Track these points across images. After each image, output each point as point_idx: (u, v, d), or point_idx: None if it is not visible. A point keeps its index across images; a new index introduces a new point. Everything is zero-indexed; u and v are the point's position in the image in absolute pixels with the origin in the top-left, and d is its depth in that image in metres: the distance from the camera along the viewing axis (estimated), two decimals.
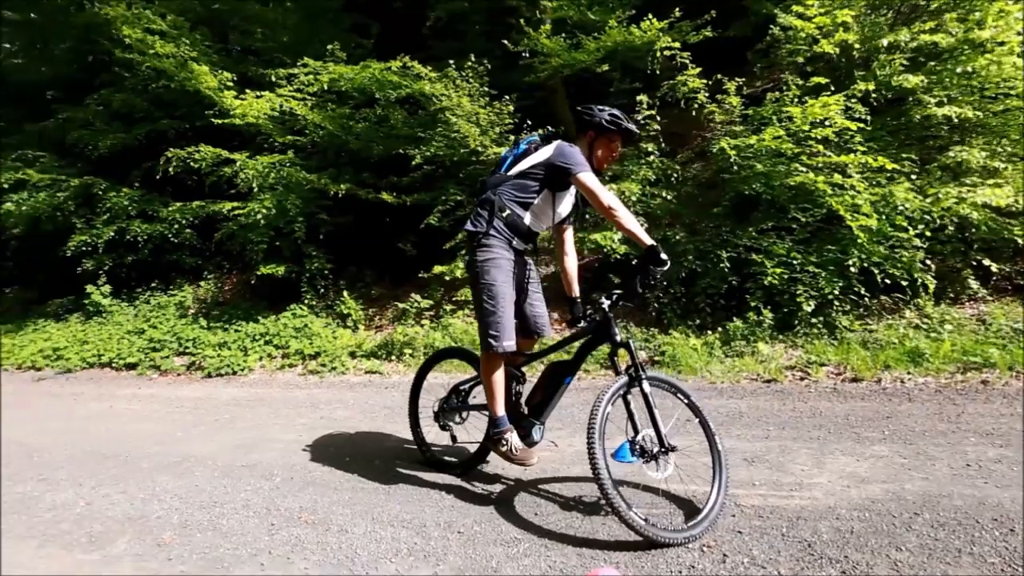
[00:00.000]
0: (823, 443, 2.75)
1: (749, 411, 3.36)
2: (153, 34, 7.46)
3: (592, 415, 2.09)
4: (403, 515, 2.34)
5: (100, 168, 8.55)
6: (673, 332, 5.16)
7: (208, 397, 4.81)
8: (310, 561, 2.04)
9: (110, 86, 8.82)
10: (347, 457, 3.07)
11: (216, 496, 2.68)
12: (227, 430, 3.80)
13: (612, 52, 6.62)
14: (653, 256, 2.09)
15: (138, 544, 2.29)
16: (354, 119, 7.05)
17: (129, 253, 8.09)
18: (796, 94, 5.55)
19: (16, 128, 9.80)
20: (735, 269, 5.17)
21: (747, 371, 4.31)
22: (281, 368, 5.78)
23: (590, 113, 2.38)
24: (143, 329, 6.83)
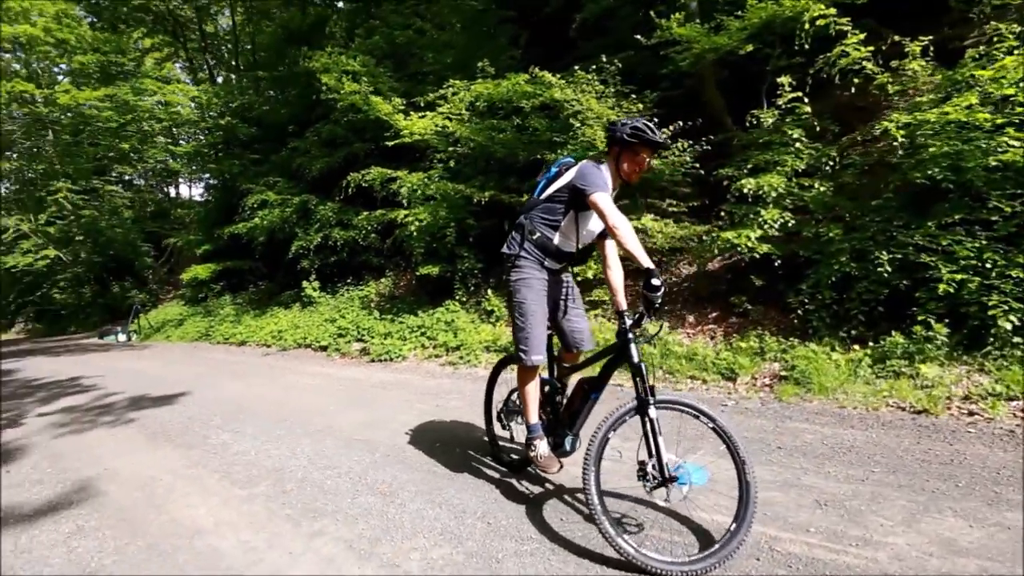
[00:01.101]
0: (935, 498, 2.25)
1: (863, 446, 2.86)
2: (347, 75, 9.09)
3: (591, 440, 2.12)
4: (452, 500, 2.64)
5: (314, 187, 10.72)
6: (813, 343, 4.54)
7: (364, 378, 5.80)
8: (368, 524, 2.48)
9: (322, 120, 10.96)
10: (437, 443, 3.50)
11: (332, 461, 3.34)
12: (363, 408, 4.59)
13: (764, 27, 5.95)
14: (646, 280, 2.03)
15: (271, 489, 3.02)
16: (498, 129, 7.60)
17: (331, 255, 10.00)
18: (1012, 45, 4.36)
19: (266, 159, 12.79)
20: (904, 272, 4.31)
21: (896, 397, 3.61)
22: (428, 358, 6.61)
23: (613, 128, 2.39)
24: (335, 318, 8.43)
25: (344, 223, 9.91)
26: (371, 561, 2.18)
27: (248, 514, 2.74)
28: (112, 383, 6.77)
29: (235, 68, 17.46)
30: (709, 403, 4.04)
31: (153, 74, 16.64)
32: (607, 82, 6.46)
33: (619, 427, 2.16)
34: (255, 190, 10.84)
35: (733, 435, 2.05)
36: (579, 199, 2.37)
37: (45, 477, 3.48)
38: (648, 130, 2.30)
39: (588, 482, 2.07)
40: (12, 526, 2.78)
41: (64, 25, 16.14)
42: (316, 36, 12.10)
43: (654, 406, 2.10)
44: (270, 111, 13.31)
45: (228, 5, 16.47)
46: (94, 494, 3.16)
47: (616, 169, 2.41)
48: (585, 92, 6.27)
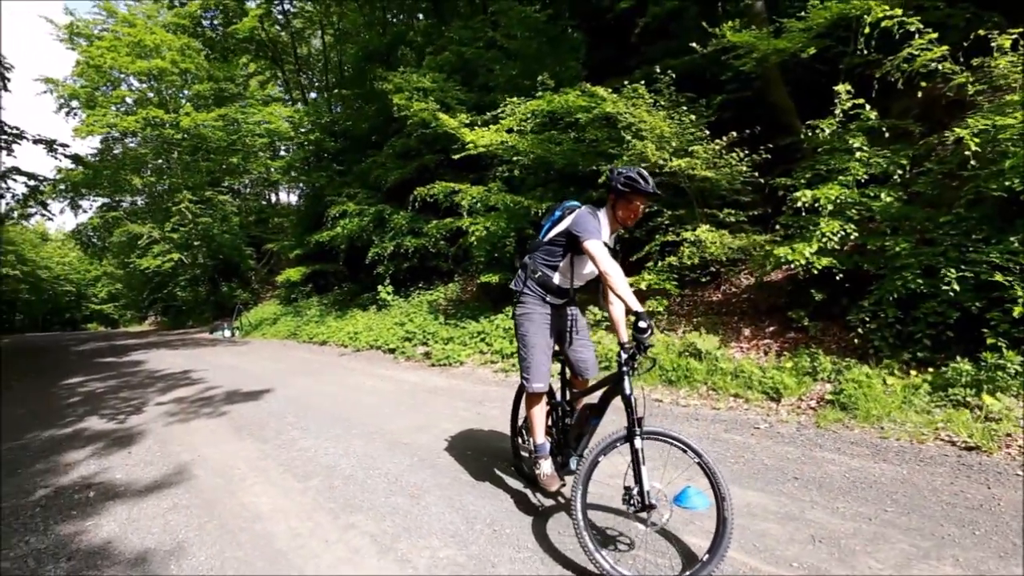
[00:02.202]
0: (941, 544, 2.17)
1: (887, 482, 2.76)
2: (418, 91, 9.68)
3: (579, 463, 2.28)
4: (469, 505, 2.91)
5: (389, 197, 11.50)
6: (870, 365, 4.31)
7: (422, 382, 6.25)
8: (392, 522, 2.81)
9: (396, 134, 11.72)
10: (468, 451, 3.79)
11: (377, 462, 3.73)
12: (415, 412, 5.00)
13: (834, 25, 5.66)
14: (635, 324, 2.15)
15: (323, 483, 3.45)
16: (556, 141, 7.78)
17: (404, 261, 10.69)
18: None
19: (349, 170, 13.86)
20: (976, 292, 3.99)
21: (949, 430, 3.39)
22: (484, 364, 6.95)
23: (610, 176, 2.53)
24: (404, 321, 9.04)
25: (416, 231, 10.56)
26: (389, 555, 2.49)
27: (300, 504, 3.17)
28: (214, 377, 7.78)
29: (324, 87, 19.00)
30: (743, 424, 4.00)
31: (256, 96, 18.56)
32: (660, 92, 6.42)
33: (609, 452, 2.30)
34: (337, 202, 11.83)
35: (716, 471, 2.11)
36: (575, 244, 2.53)
37: (155, 459, 4.19)
38: (641, 180, 2.42)
39: (575, 500, 2.24)
40: (128, 499, 3.43)
41: (187, 56, 18.45)
42: (393, 54, 12.92)
43: (640, 437, 2.22)
44: (353, 126, 14.40)
45: (319, 28, 17.94)
46: (188, 477, 3.78)
47: (612, 216, 2.57)
48: (637, 105, 6.28)
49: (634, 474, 2.21)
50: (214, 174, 20.70)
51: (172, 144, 18.82)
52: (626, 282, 2.31)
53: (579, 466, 2.33)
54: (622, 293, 2.26)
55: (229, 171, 20.56)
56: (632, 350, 2.32)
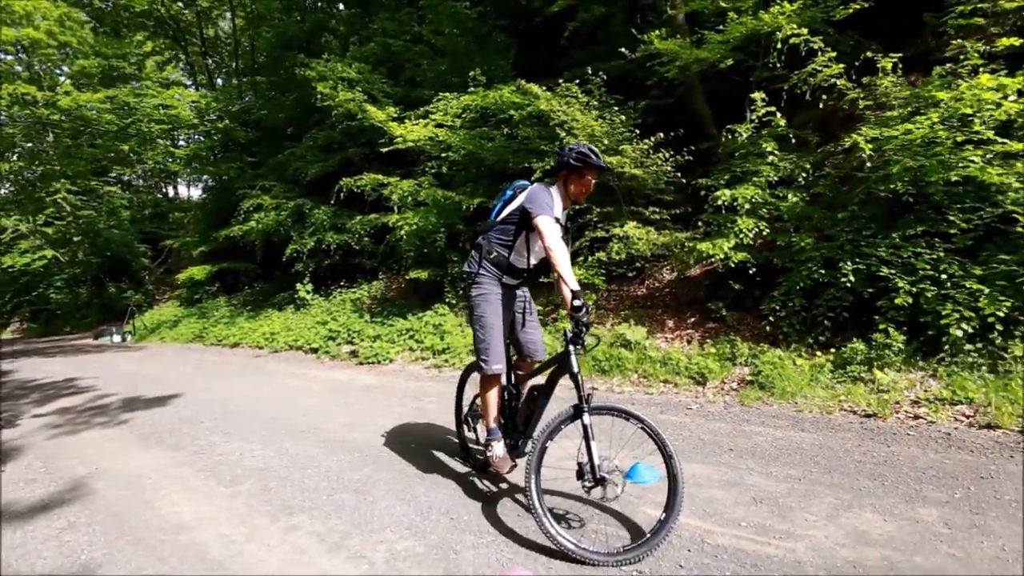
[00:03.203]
0: (861, 494, 2.43)
1: (810, 447, 3.05)
2: (342, 81, 9.28)
3: (530, 450, 2.31)
4: (421, 497, 2.82)
5: (309, 191, 10.92)
6: (781, 349, 4.72)
7: (350, 381, 5.98)
8: (339, 520, 2.65)
9: (318, 125, 11.16)
10: (412, 444, 3.68)
11: (314, 461, 3.51)
12: (348, 410, 4.77)
13: (746, 40, 6.15)
14: (570, 303, 2.20)
15: (254, 486, 3.19)
16: (488, 137, 7.79)
17: (325, 258, 10.18)
18: (976, 63, 4.55)
19: (263, 162, 13.00)
20: (868, 281, 4.49)
21: (850, 401, 3.79)
22: (415, 361, 6.79)
23: (561, 153, 2.57)
24: (327, 320, 8.61)
25: (338, 227, 10.10)
26: (340, 553, 2.35)
27: (230, 510, 2.91)
28: (107, 384, 6.94)
29: (235, 72, 17.67)
30: (676, 406, 4.22)
31: (154, 77, 16.82)
32: (591, 92, 6.65)
33: (555, 435, 2.33)
34: (251, 194, 11.04)
35: (660, 432, 2.19)
36: (528, 220, 2.54)
37: (38, 476, 3.65)
38: (592, 154, 2.49)
39: (530, 487, 2.26)
40: (7, 522, 2.95)
41: (67, 28, 16.34)
42: (314, 42, 12.30)
43: (588, 412, 2.27)
44: (268, 115, 13.51)
45: (228, 9, 16.67)
46: (86, 492, 3.33)
47: (565, 191, 2.60)
48: (570, 104, 6.45)
49: (587, 451, 2.25)
50: (100, 162, 18.47)
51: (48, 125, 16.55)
52: (568, 261, 2.34)
53: (529, 451, 2.34)
54: (562, 270, 2.28)
55: (120, 160, 18.45)
56: (576, 330, 2.36)
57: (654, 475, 2.52)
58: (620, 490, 2.22)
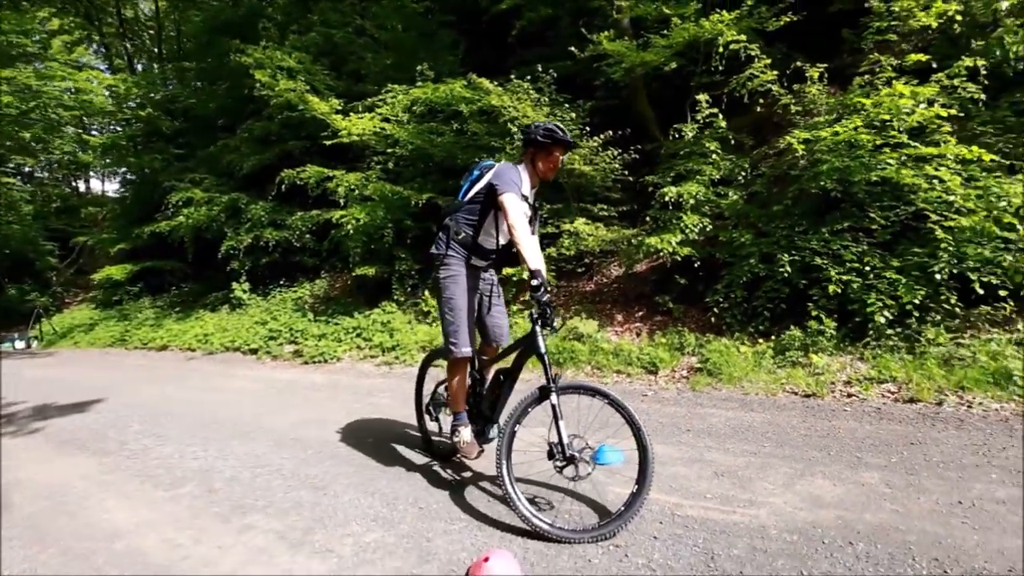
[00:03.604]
0: (811, 463, 2.60)
1: (760, 425, 3.22)
2: (281, 71, 8.86)
3: (499, 436, 2.30)
4: (385, 489, 2.73)
5: (245, 185, 10.33)
6: (725, 338, 4.96)
7: (297, 380, 5.71)
8: (300, 516, 2.52)
9: (255, 116, 10.59)
10: (370, 439, 3.56)
11: (263, 460, 3.32)
12: (298, 409, 4.55)
13: (688, 46, 6.43)
14: (528, 282, 2.21)
15: (198, 489, 2.97)
16: (437, 133, 7.69)
17: (263, 255, 9.67)
18: (889, 76, 4.97)
19: (192, 154, 12.18)
20: (801, 273, 4.81)
21: (791, 383, 4.04)
22: (363, 359, 6.58)
23: (527, 131, 2.57)
24: (266, 320, 8.18)
25: (277, 223, 9.63)
26: (303, 548, 2.23)
27: (172, 514, 2.69)
28: (11, 392, 6.24)
29: (158, 57, 16.44)
30: (631, 393, 4.34)
31: (61, 58, 15.31)
32: (542, 90, 6.72)
33: (524, 419, 2.33)
34: (180, 187, 10.30)
35: (627, 406, 2.22)
36: (495, 197, 2.49)
37: None
38: (559, 130, 2.50)
39: (502, 473, 2.25)
40: None
41: None
42: (249, 29, 11.66)
43: (556, 392, 2.28)
44: (197, 104, 12.65)
45: None
46: None
47: (532, 169, 2.59)
48: (521, 100, 6.49)
49: (556, 429, 2.26)
50: None
51: None
52: (529, 239, 2.34)
53: (499, 436, 2.32)
54: (523, 247, 2.27)
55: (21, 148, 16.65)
56: (542, 310, 2.35)
57: (619, 456, 2.58)
58: (591, 468, 2.24)
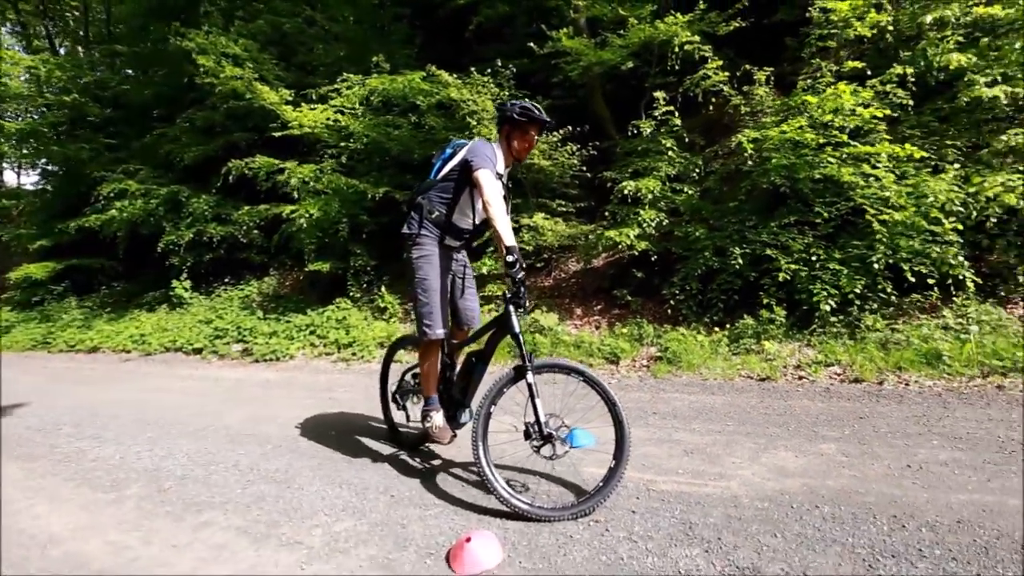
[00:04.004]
0: (773, 439, 2.71)
1: (721, 407, 3.33)
2: (227, 58, 8.42)
3: (475, 418, 2.26)
4: (353, 480, 2.63)
5: (186, 177, 9.76)
6: (683, 328, 5.11)
7: (247, 378, 5.43)
8: (262, 510, 2.38)
9: (197, 104, 10.03)
10: (332, 432, 3.43)
11: (217, 457, 3.13)
12: (250, 405, 4.32)
13: (643, 47, 6.59)
14: (504, 259, 2.19)
15: (145, 489, 2.76)
16: (394, 126, 7.53)
17: (206, 252, 9.16)
18: (829, 80, 5.27)
19: (125, 144, 11.39)
20: (752, 265, 5.02)
21: (746, 369, 4.22)
22: (318, 356, 6.34)
23: (503, 109, 2.54)
24: (211, 319, 7.74)
25: (222, 218, 9.14)
26: (269, 542, 2.11)
27: (116, 516, 2.48)
28: None
29: (84, 40, 15.29)
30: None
31: None
32: (502, 85, 6.72)
33: (499, 400, 2.31)
34: (112, 178, 9.59)
35: (602, 383, 2.24)
36: (469, 174, 2.43)
37: None
38: (535, 109, 2.48)
39: (479, 455, 2.21)
40: None
41: None
42: (190, 13, 11.04)
43: (532, 371, 2.26)
44: (131, 91, 11.83)
45: None
46: None
47: (507, 148, 2.55)
48: (481, 93, 6.46)
49: (532, 408, 2.24)
50: None
51: None
52: (505, 217, 2.31)
53: (474, 418, 2.28)
54: (498, 224, 2.24)
55: None
56: (516, 289, 2.33)
57: (591, 439, 2.60)
58: (568, 447, 2.25)
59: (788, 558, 1.70)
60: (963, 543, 1.72)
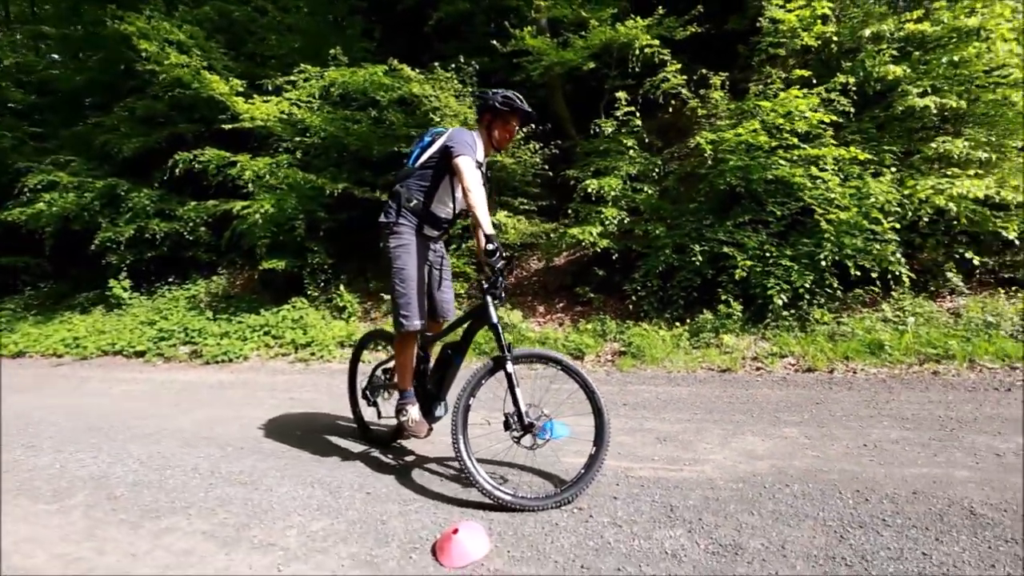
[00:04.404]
0: (739, 425, 2.83)
1: (688, 397, 3.44)
2: (171, 44, 7.96)
3: (454, 410, 2.24)
4: (325, 479, 2.55)
5: (125, 170, 9.15)
6: (645, 324, 5.24)
7: (199, 380, 5.16)
8: (229, 513, 2.27)
9: (137, 93, 9.43)
10: (298, 432, 3.31)
11: (172, 461, 2.95)
12: (207, 408, 4.10)
13: (603, 49, 6.71)
14: (484, 247, 2.19)
15: (94, 497, 2.56)
16: (353, 121, 7.34)
17: (148, 249, 8.62)
18: (779, 87, 5.53)
19: (53, 133, 10.57)
20: (710, 263, 5.20)
21: (708, 361, 4.37)
22: (274, 357, 6.10)
23: (484, 97, 2.53)
24: (155, 320, 7.30)
25: (166, 213, 8.63)
26: (240, 545, 2.01)
27: (62, 527, 2.30)
28: None
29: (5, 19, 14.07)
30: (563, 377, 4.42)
31: None
32: (465, 82, 6.69)
33: (477, 392, 2.30)
34: (39, 169, 8.87)
35: (581, 371, 2.29)
36: (450, 161, 2.40)
37: None
38: (518, 99, 2.48)
39: (459, 449, 2.19)
40: None
41: None
42: None
43: (511, 361, 2.26)
44: (60, 77, 10.99)
45: None
46: None
47: (488, 137, 2.53)
48: (444, 89, 6.41)
49: (512, 400, 2.24)
50: None
51: None
52: (485, 205, 2.30)
53: (454, 411, 2.26)
54: (478, 212, 2.24)
55: None
56: (493, 279, 2.34)
57: (565, 430, 2.64)
58: (548, 436, 2.26)
59: (766, 533, 1.78)
60: (920, 512, 1.85)
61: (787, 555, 1.66)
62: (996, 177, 4.69)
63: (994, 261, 4.87)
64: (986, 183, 4.59)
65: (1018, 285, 4.61)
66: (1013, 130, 4.96)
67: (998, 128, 5.00)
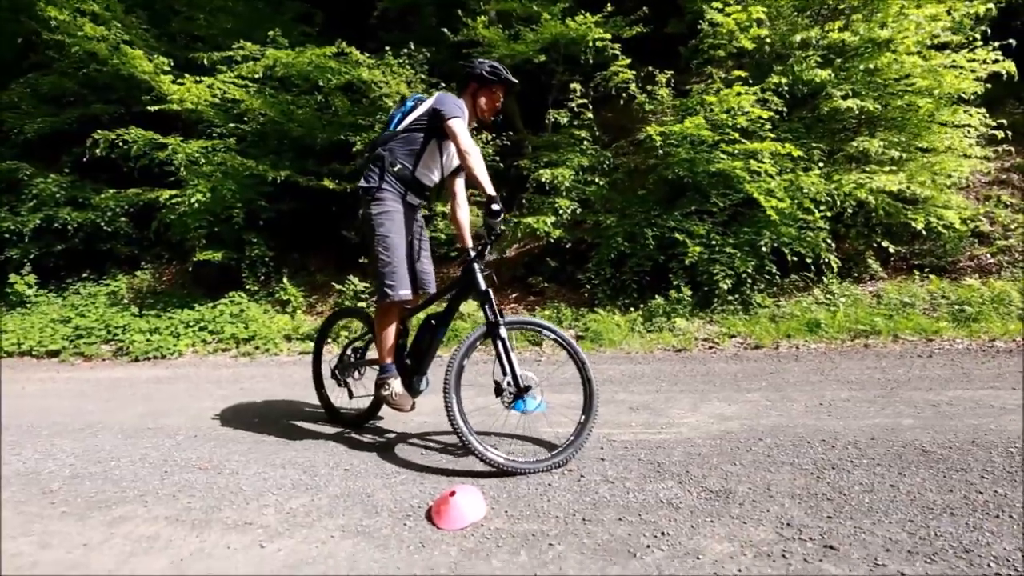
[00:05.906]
0: (705, 393, 2.97)
1: (651, 372, 3.57)
2: (83, 15, 7.25)
3: (448, 369, 2.20)
4: (296, 459, 2.41)
5: (27, 153, 8.23)
6: (600, 311, 5.37)
7: (128, 377, 4.72)
8: (194, 498, 2.10)
9: (40, 68, 8.51)
10: (256, 419, 3.11)
11: (114, 453, 2.68)
12: (140, 403, 3.76)
13: (552, 44, 6.82)
14: (488, 207, 2.17)
15: (25, 493, 2.28)
16: (296, 105, 7.01)
17: (58, 242, 7.79)
18: (719, 86, 5.85)
19: None
20: (661, 249, 5.42)
21: (663, 343, 4.54)
22: (213, 352, 5.71)
23: (471, 65, 2.48)
24: (70, 318, 6.60)
25: (79, 202, 7.84)
26: (211, 527, 1.85)
27: None
28: None
29: None
30: (526, 361, 4.46)
31: None
32: (416, 70, 6.58)
33: (471, 353, 2.28)
34: None
35: (572, 342, 2.32)
36: (440, 125, 2.34)
37: None
38: (504, 69, 2.47)
39: (451, 408, 2.13)
40: None
41: None
42: None
43: (504, 327, 2.26)
44: None
45: None
46: None
47: (472, 107, 2.48)
48: (396, 76, 6.28)
49: (507, 364, 2.22)
50: None
51: None
52: (484, 166, 2.26)
53: (447, 371, 2.21)
54: (478, 173, 2.21)
55: None
56: (481, 246, 2.33)
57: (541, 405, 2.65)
58: (539, 402, 2.26)
59: (751, 478, 1.88)
60: (881, 453, 2.04)
61: (774, 495, 1.76)
62: (906, 174, 5.21)
63: (906, 249, 5.41)
64: (899, 178, 5.09)
65: (927, 270, 5.15)
66: (918, 133, 5.53)
67: (907, 131, 5.56)
